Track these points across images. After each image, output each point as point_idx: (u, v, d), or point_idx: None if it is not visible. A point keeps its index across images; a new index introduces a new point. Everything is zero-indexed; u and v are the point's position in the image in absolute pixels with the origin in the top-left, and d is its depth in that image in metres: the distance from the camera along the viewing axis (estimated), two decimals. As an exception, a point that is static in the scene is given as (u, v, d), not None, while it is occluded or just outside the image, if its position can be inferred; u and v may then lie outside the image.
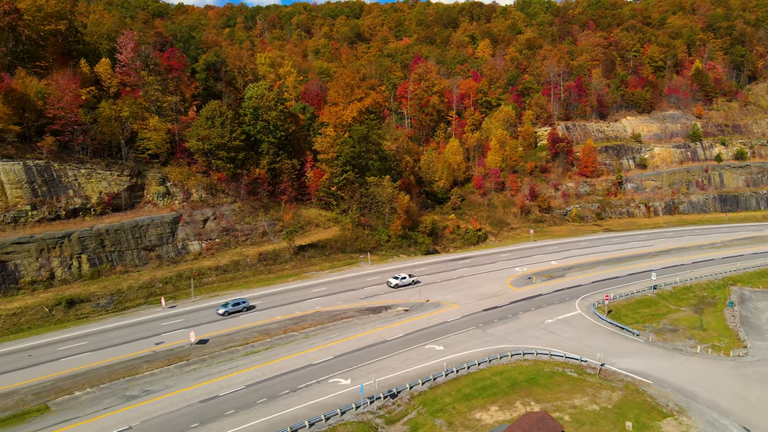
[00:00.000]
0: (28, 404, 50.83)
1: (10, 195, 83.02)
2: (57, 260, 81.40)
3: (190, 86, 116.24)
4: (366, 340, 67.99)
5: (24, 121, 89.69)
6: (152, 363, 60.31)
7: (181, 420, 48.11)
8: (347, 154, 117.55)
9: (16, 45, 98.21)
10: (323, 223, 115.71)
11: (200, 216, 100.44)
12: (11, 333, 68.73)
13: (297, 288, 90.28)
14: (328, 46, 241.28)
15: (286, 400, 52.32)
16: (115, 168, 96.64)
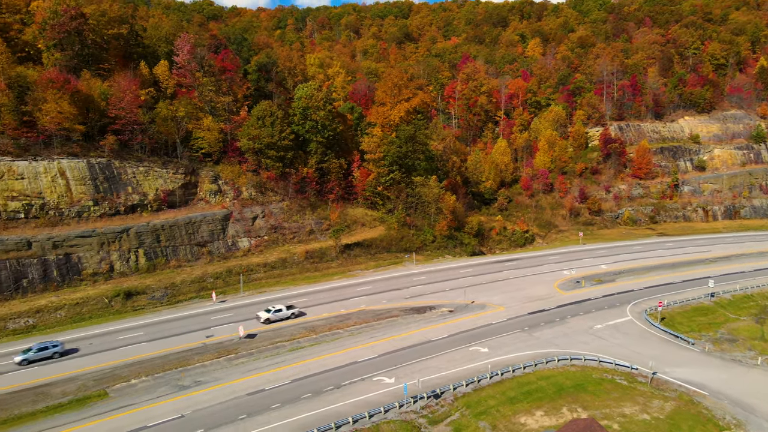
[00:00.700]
0: (89, 390, 53.52)
1: (74, 191, 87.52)
2: (116, 254, 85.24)
3: (242, 87, 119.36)
4: (410, 339, 68.16)
5: (88, 121, 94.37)
6: (203, 355, 62.35)
7: (229, 411, 49.57)
8: (394, 154, 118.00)
9: (81, 48, 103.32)
10: (369, 223, 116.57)
11: (250, 213, 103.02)
12: (74, 322, 72.49)
13: (342, 286, 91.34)
14: (376, 47, 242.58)
15: (330, 396, 53.09)
16: (170, 166, 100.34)
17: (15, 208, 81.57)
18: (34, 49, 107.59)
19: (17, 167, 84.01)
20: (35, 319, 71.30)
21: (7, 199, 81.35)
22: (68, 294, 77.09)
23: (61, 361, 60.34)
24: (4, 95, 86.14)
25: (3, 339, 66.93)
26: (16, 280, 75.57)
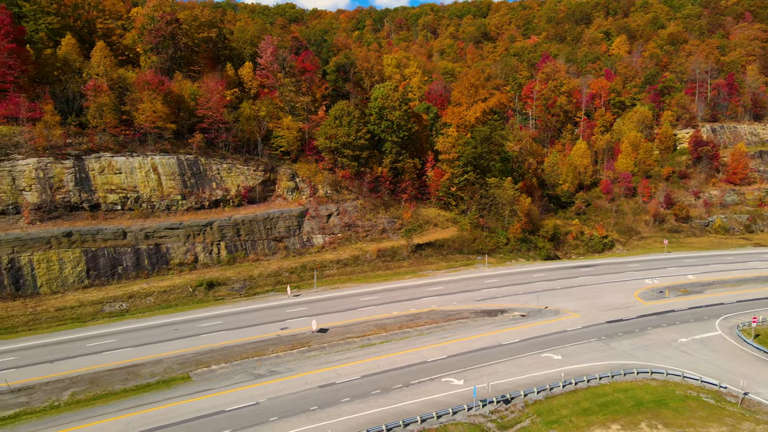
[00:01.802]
0: (174, 372, 57.03)
1: (165, 185, 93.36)
2: (200, 246, 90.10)
3: (320, 87, 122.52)
4: (480, 342, 67.39)
5: (179, 120, 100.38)
6: (277, 346, 64.67)
7: (301, 402, 51.16)
8: (469, 154, 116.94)
9: (175, 51, 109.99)
10: (442, 223, 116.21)
11: (325, 211, 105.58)
12: (161, 308, 77.42)
13: (413, 286, 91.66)
14: (453, 46, 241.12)
15: (398, 393, 53.53)
16: (251, 164, 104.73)
17: (113, 200, 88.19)
18: (133, 53, 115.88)
19: (116, 162, 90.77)
20: (128, 303, 76.80)
21: (107, 192, 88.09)
22: (157, 282, 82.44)
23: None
24: (107, 96, 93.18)
25: (100, 321, 72.56)
26: (113, 267, 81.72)
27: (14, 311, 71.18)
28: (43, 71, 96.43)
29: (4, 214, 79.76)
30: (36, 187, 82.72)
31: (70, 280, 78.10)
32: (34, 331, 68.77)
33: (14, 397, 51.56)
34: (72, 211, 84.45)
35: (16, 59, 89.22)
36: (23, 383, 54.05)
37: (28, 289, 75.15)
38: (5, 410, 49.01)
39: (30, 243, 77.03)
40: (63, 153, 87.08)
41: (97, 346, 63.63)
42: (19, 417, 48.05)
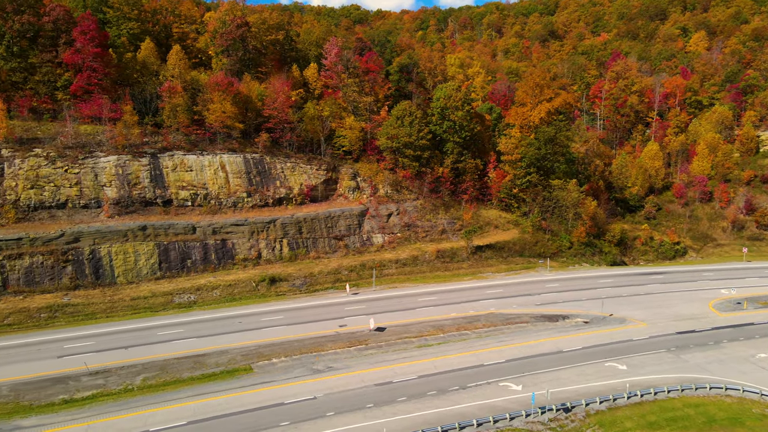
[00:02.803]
0: (237, 364, 59.21)
1: (232, 183, 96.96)
2: (264, 242, 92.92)
3: (383, 87, 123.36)
4: (540, 347, 65.89)
5: (246, 120, 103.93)
6: (335, 343, 65.77)
7: (358, 399, 51.85)
8: (532, 155, 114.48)
9: (244, 54, 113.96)
10: (502, 225, 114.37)
11: (385, 211, 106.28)
12: (226, 301, 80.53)
13: (472, 287, 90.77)
14: (518, 45, 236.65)
15: (455, 396, 53.23)
16: (314, 163, 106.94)
17: (184, 196, 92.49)
18: (206, 56, 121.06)
19: (187, 160, 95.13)
20: (196, 295, 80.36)
21: (179, 188, 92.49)
22: (223, 276, 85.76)
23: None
24: (180, 97, 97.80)
25: (170, 311, 76.34)
26: (182, 260, 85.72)
27: (94, 299, 76.08)
28: (124, 74, 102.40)
29: (86, 208, 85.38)
30: (115, 183, 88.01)
31: (144, 272, 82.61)
32: (111, 318, 73.28)
33: (92, 379, 55.14)
34: (147, 206, 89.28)
35: (100, 63, 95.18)
36: (101, 366, 57.70)
37: (107, 278, 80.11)
38: (84, 391, 52.51)
39: (109, 235, 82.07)
40: (140, 151, 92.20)
41: (167, 335, 66.99)
42: (97, 398, 51.34)
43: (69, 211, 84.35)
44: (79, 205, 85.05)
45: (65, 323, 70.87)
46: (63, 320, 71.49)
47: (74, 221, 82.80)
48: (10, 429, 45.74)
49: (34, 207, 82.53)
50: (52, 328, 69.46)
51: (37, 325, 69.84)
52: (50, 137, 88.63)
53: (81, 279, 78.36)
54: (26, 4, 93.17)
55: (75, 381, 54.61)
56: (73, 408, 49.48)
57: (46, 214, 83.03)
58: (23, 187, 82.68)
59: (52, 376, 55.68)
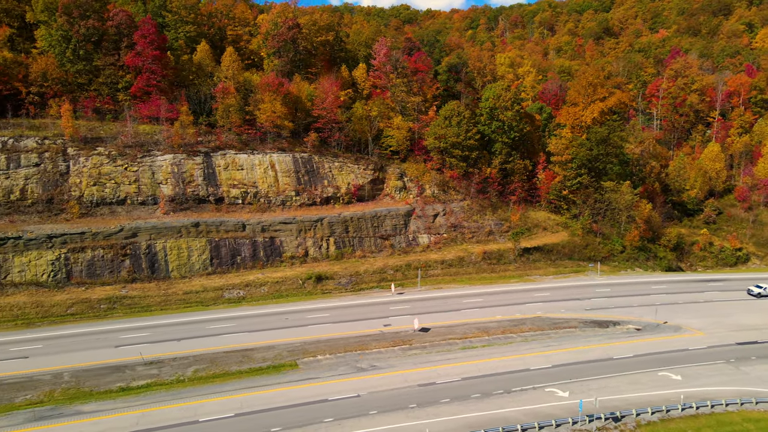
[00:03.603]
0: (283, 359, 60.46)
1: (281, 182, 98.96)
2: (311, 240, 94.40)
3: (432, 87, 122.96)
4: (589, 354, 64.21)
5: (296, 120, 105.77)
6: (380, 342, 66.13)
7: (401, 398, 51.98)
8: (583, 156, 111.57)
9: (295, 55, 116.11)
10: (551, 227, 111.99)
11: (431, 211, 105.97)
12: (274, 298, 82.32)
13: (518, 290, 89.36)
14: (571, 43, 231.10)
15: (499, 399, 52.58)
16: (361, 162, 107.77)
17: (235, 194, 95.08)
18: (258, 57, 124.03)
19: (239, 159, 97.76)
20: (245, 291, 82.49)
21: (230, 186, 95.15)
22: (271, 272, 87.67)
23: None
24: (233, 97, 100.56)
25: (220, 306, 78.68)
26: (232, 257, 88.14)
27: (150, 292, 79.31)
28: (181, 75, 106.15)
29: (144, 205, 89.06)
30: (171, 181, 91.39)
31: (196, 267, 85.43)
32: (165, 311, 76.18)
33: (147, 369, 57.53)
34: (200, 203, 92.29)
35: (158, 65, 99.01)
36: (155, 357, 60.13)
37: (162, 272, 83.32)
38: (139, 380, 54.86)
39: (164, 231, 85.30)
40: (194, 150, 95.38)
41: (216, 328, 69.10)
42: (151, 387, 53.54)
43: (128, 207, 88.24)
44: (137, 201, 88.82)
45: (123, 314, 74.22)
46: (121, 311, 74.88)
47: (132, 217, 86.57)
48: (71, 413, 48.30)
49: (96, 203, 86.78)
50: (111, 318, 72.88)
51: (97, 316, 73.41)
52: (112, 136, 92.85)
53: (138, 272, 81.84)
54: (92, 9, 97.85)
55: (131, 370, 57.12)
56: (128, 396, 51.79)
57: (107, 209, 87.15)
58: (87, 183, 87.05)
59: (110, 364, 58.42)
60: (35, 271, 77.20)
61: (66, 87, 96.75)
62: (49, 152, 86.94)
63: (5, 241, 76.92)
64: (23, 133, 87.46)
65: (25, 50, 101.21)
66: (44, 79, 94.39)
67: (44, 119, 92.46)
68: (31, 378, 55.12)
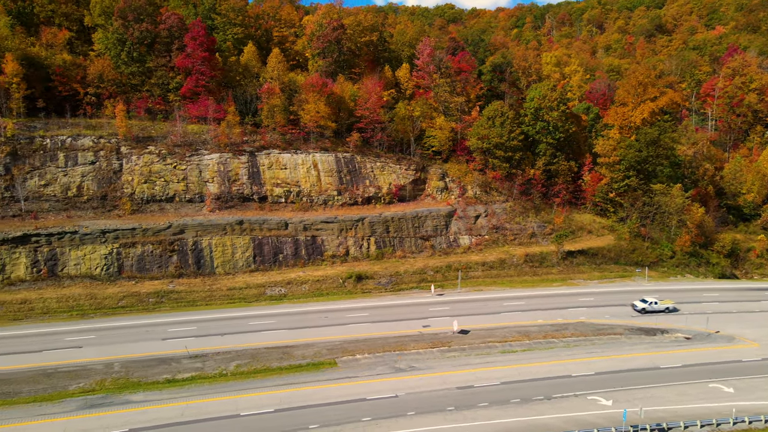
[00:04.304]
0: (322, 357, 61.17)
1: (323, 181, 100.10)
2: (352, 240, 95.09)
3: (475, 87, 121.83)
4: (634, 362, 62.33)
5: (338, 120, 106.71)
6: (418, 343, 66.03)
7: (439, 400, 51.77)
8: (631, 158, 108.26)
9: (339, 55, 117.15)
10: (596, 230, 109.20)
11: (473, 212, 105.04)
12: (314, 296, 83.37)
13: (561, 294, 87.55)
14: (621, 41, 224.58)
15: (539, 405, 51.67)
16: (403, 162, 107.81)
17: (278, 193, 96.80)
18: (303, 58, 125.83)
19: (282, 159, 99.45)
20: (286, 289, 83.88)
21: (274, 185, 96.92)
22: (312, 271, 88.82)
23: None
24: (278, 98, 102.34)
25: (262, 303, 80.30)
26: (275, 255, 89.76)
27: (195, 287, 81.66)
28: (228, 76, 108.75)
29: (191, 202, 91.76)
30: (217, 180, 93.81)
31: (240, 264, 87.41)
32: (210, 306, 78.31)
33: (192, 362, 59.27)
34: (244, 201, 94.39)
35: (207, 66, 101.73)
36: (199, 351, 61.89)
37: (207, 269, 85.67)
38: (184, 372, 56.59)
39: (210, 228, 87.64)
40: (240, 149, 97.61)
41: (258, 325, 70.52)
42: (195, 380, 55.14)
43: (176, 205, 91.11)
44: (185, 199, 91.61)
45: (170, 308, 76.72)
46: (168, 305, 77.42)
47: (180, 214, 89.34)
48: (121, 402, 50.28)
49: (146, 200, 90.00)
50: (159, 312, 75.46)
51: (146, 309, 76.14)
52: (162, 136, 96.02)
53: (184, 268, 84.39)
54: (145, 13, 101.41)
55: (176, 363, 58.98)
56: (174, 387, 53.50)
57: (156, 206, 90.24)
58: (138, 181, 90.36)
59: (158, 356, 60.48)
60: (89, 265, 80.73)
61: (120, 88, 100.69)
62: (103, 151, 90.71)
63: (63, 235, 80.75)
64: (80, 132, 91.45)
65: (84, 53, 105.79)
66: (100, 81, 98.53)
67: (100, 119, 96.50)
68: (84, 367, 57.66)
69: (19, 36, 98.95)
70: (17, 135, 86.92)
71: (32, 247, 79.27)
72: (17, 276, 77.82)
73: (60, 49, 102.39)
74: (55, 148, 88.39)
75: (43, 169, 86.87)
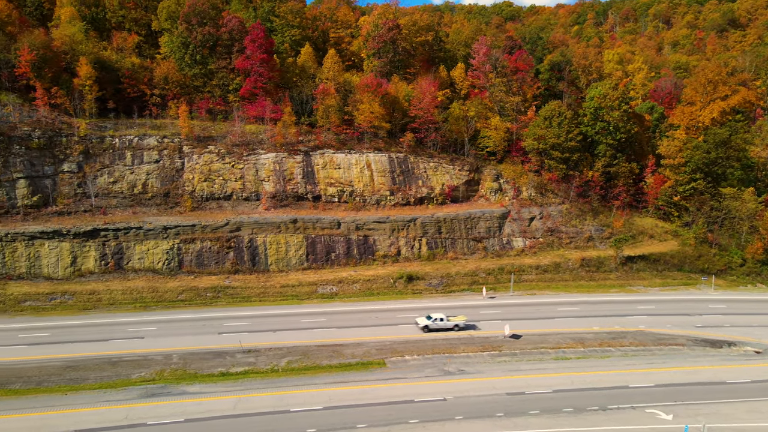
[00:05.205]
0: (371, 357, 61.40)
1: (376, 181, 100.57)
2: (403, 240, 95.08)
3: (532, 87, 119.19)
4: (698, 375, 59.25)
5: (392, 120, 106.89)
6: (468, 346, 65.23)
7: (488, 405, 50.92)
8: (699, 160, 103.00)
9: (394, 56, 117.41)
10: (659, 235, 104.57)
11: (527, 214, 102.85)
12: (365, 295, 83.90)
13: (619, 301, 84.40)
14: (689, 37, 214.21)
15: (593, 416, 49.93)
16: (457, 163, 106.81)
17: (331, 193, 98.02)
18: (358, 58, 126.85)
19: (336, 158, 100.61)
20: (337, 287, 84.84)
21: (327, 185, 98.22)
22: (363, 270, 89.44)
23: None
24: (333, 98, 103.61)
25: (313, 300, 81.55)
26: (327, 253, 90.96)
27: (250, 284, 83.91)
28: (285, 77, 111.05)
29: (247, 200, 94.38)
30: (272, 179, 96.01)
31: (293, 262, 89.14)
32: (263, 302, 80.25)
33: (245, 357, 60.88)
34: (298, 200, 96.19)
35: (266, 68, 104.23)
36: (252, 346, 63.47)
37: (261, 265, 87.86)
38: (238, 367, 58.18)
39: (265, 226, 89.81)
40: (295, 149, 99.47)
41: (310, 322, 71.64)
42: (247, 374, 56.57)
43: (233, 203, 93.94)
44: (242, 197, 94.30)
45: (225, 303, 79.18)
46: (224, 300, 79.92)
47: (237, 212, 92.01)
48: (178, 393, 52.25)
49: (205, 197, 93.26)
50: (215, 306, 78.01)
51: (204, 303, 78.89)
52: (221, 135, 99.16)
53: (240, 264, 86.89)
54: (208, 17, 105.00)
55: (231, 357, 60.74)
56: (228, 381, 55.09)
57: (214, 204, 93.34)
58: (198, 179, 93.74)
59: (213, 350, 62.50)
60: (152, 259, 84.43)
61: (184, 89, 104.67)
62: (167, 150, 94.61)
63: (128, 230, 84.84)
64: (146, 132, 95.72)
65: (151, 56, 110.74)
66: (165, 83, 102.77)
67: (164, 119, 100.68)
68: (145, 357, 60.30)
69: (92, 41, 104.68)
70: (89, 135, 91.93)
71: (101, 241, 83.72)
72: (87, 268, 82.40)
73: (129, 52, 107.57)
74: (123, 147, 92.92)
75: (112, 167, 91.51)
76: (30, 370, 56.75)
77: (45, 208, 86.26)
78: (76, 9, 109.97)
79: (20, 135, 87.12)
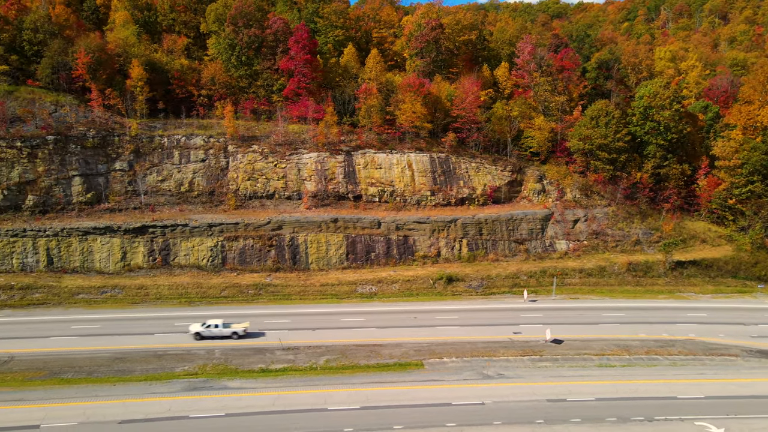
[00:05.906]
0: (409, 358, 61.20)
1: (417, 181, 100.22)
2: (443, 241, 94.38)
3: (578, 86, 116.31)
4: (752, 388, 56.44)
5: (434, 120, 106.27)
6: (508, 350, 64.15)
7: (527, 412, 49.93)
8: (756, 161, 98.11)
9: (436, 55, 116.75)
10: (711, 240, 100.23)
11: (571, 216, 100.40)
12: (404, 296, 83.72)
13: (667, 307, 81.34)
14: (748, 33, 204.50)
15: (638, 427, 48.23)
16: (499, 164, 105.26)
17: (372, 192, 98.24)
18: (400, 58, 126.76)
19: (377, 158, 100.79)
20: (376, 287, 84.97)
21: (368, 185, 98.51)
22: (402, 271, 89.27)
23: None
24: (375, 98, 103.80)
25: (353, 300, 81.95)
26: (367, 253, 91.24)
27: (291, 282, 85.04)
28: (328, 77, 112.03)
29: (289, 199, 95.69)
30: (314, 178, 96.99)
31: (333, 261, 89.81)
32: (303, 300, 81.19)
33: (285, 354, 61.71)
34: (339, 200, 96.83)
35: (309, 68, 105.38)
36: (292, 344, 64.30)
37: (302, 264, 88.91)
38: (277, 363, 59.02)
39: (306, 225, 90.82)
40: (336, 149, 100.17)
41: (348, 321, 72.01)
42: (287, 371, 57.33)
43: (275, 201, 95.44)
44: (284, 196, 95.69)
45: (267, 300, 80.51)
46: (265, 297, 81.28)
47: (279, 210, 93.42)
48: (219, 387, 53.44)
49: (248, 196, 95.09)
50: (256, 303, 79.45)
51: (245, 300, 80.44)
52: (265, 135, 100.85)
53: (281, 263, 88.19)
54: (254, 19, 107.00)
55: (270, 353, 61.68)
56: (267, 377, 55.97)
57: (257, 202, 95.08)
58: (242, 178, 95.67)
59: (254, 346, 63.63)
60: (197, 256, 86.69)
61: (229, 90, 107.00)
62: (213, 149, 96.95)
63: (175, 227, 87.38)
64: (193, 132, 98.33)
65: (199, 58, 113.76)
66: (212, 83, 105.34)
67: (210, 119, 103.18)
68: (189, 351, 61.95)
69: (144, 43, 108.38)
70: (140, 134, 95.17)
71: (149, 237, 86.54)
72: (136, 263, 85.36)
73: (178, 54, 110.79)
74: (171, 146, 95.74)
75: (161, 166, 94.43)
76: (81, 360, 59.16)
77: (98, 205, 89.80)
78: (129, 13, 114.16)
79: (76, 135, 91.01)
